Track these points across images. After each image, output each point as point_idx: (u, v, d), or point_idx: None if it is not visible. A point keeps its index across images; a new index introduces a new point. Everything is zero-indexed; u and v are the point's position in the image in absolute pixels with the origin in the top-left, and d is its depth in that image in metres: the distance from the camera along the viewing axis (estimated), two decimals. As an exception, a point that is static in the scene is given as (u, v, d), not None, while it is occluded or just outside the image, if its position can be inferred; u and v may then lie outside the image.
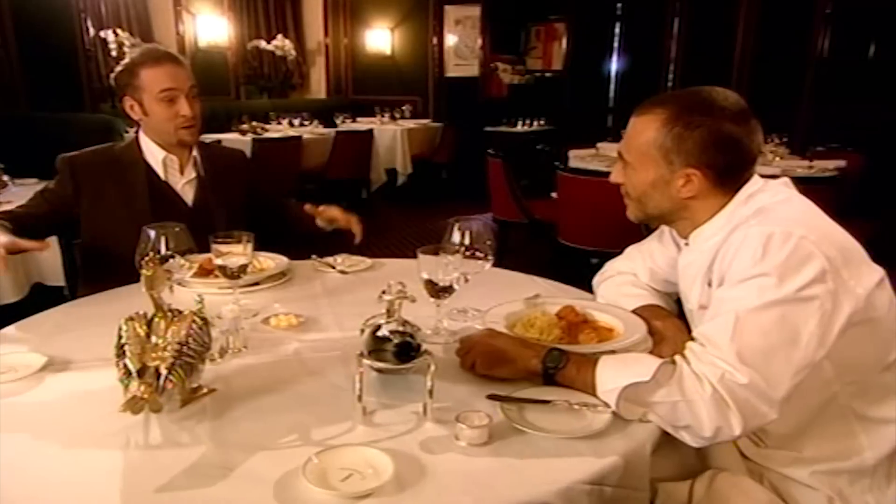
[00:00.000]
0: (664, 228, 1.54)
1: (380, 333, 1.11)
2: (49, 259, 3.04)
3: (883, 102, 5.81)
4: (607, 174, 4.16)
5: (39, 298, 3.06)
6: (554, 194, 5.16)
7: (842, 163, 4.33)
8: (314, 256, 2.01)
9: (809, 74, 6.11)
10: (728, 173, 1.25)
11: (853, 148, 4.85)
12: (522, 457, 0.99)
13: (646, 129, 1.27)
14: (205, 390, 1.17)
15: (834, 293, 1.09)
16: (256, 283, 1.77)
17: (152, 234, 1.42)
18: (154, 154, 2.01)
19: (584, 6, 7.82)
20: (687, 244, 1.36)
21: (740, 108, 1.23)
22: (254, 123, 6.38)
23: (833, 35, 6.11)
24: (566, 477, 0.94)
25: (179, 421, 1.08)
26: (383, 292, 1.23)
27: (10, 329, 1.49)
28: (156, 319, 1.13)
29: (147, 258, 1.16)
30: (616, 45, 7.90)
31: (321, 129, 6.73)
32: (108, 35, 6.53)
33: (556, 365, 1.16)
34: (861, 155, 4.74)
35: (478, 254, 1.49)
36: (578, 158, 4.64)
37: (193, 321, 1.13)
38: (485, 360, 1.22)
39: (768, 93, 6.15)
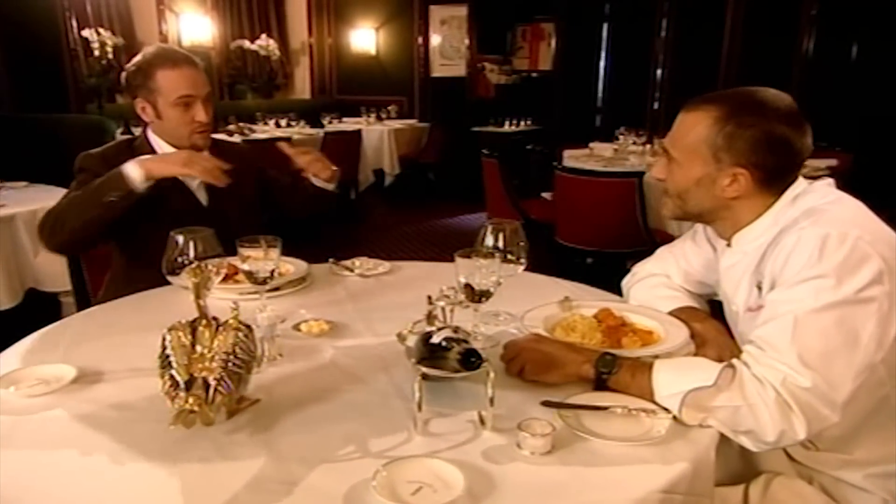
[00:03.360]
0: (698, 228, 1.53)
1: (434, 340, 1.08)
2: (44, 264, 2.97)
3: (865, 102, 5.90)
4: (606, 174, 4.19)
5: (34, 304, 2.99)
6: (544, 194, 5.18)
7: (833, 161, 4.37)
8: (332, 260, 1.97)
9: (795, 74, 6.18)
10: (776, 174, 1.24)
11: (840, 147, 4.91)
12: (590, 465, 0.97)
13: (696, 126, 1.26)
14: (248, 401, 1.14)
15: (890, 294, 1.08)
16: (277, 289, 1.73)
17: (180, 239, 1.39)
18: None
19: (572, 6, 7.84)
20: (729, 245, 1.35)
21: (792, 110, 1.22)
22: (240, 124, 6.30)
23: (818, 36, 6.18)
24: (640, 485, 0.92)
25: (229, 434, 1.04)
26: (430, 298, 1.21)
27: (30, 339, 1.44)
28: (200, 328, 1.09)
29: (193, 265, 1.12)
30: (604, 45, 7.93)
31: (309, 130, 6.67)
32: (91, 34, 6.41)
33: (610, 370, 1.14)
34: (849, 154, 4.80)
35: (509, 256, 1.47)
36: (573, 158, 4.64)
37: (238, 329, 1.09)
38: (534, 365, 1.20)
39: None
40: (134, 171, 1.72)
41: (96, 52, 6.47)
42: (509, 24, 9.01)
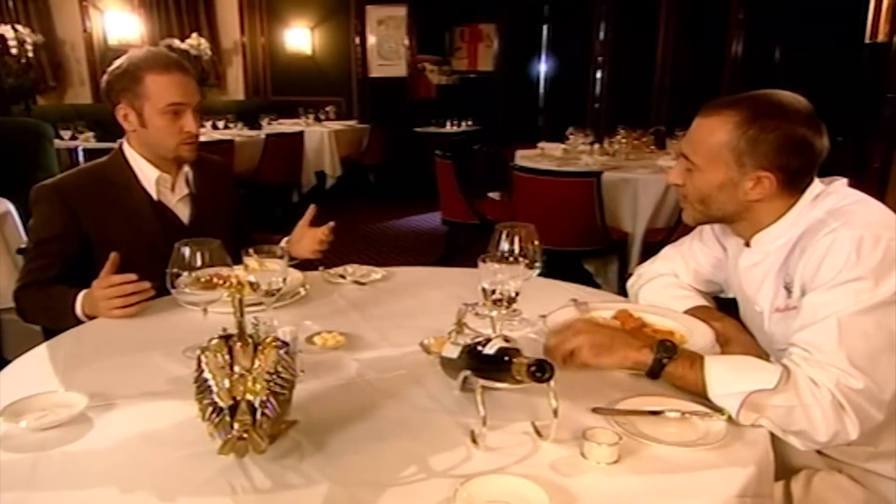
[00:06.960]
0: (703, 227, 1.54)
1: (488, 352, 1.04)
2: (-1, 281, 2.76)
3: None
4: (564, 174, 4.20)
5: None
6: (491, 194, 5.20)
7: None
8: (321, 267, 1.90)
9: (726, 75, 6.43)
10: (798, 176, 1.26)
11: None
12: (662, 473, 0.96)
13: (716, 131, 1.26)
14: (287, 423, 1.07)
15: None
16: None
17: (187, 251, 1.30)
18: (145, 173, 1.82)
19: (511, 8, 7.91)
20: (748, 245, 1.36)
21: (810, 111, 1.24)
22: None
23: (746, 39, 6.46)
24: (717, 491, 0.91)
25: (278, 459, 0.97)
26: (466, 304, 1.17)
27: (17, 365, 1.31)
28: (237, 347, 1.02)
29: (230, 280, 1.04)
30: (544, 46, 8.03)
31: (248, 132, 6.47)
32: (7, 31, 6.02)
33: (671, 356, 1.13)
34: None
35: (526, 260, 1.45)
36: (525, 158, 4.67)
37: (279, 347, 1.02)
38: (592, 347, 1.17)
39: (690, 92, 6.43)
40: (77, 307, 1.61)
41: (14, 51, 6.09)
42: (447, 25, 9.01)
